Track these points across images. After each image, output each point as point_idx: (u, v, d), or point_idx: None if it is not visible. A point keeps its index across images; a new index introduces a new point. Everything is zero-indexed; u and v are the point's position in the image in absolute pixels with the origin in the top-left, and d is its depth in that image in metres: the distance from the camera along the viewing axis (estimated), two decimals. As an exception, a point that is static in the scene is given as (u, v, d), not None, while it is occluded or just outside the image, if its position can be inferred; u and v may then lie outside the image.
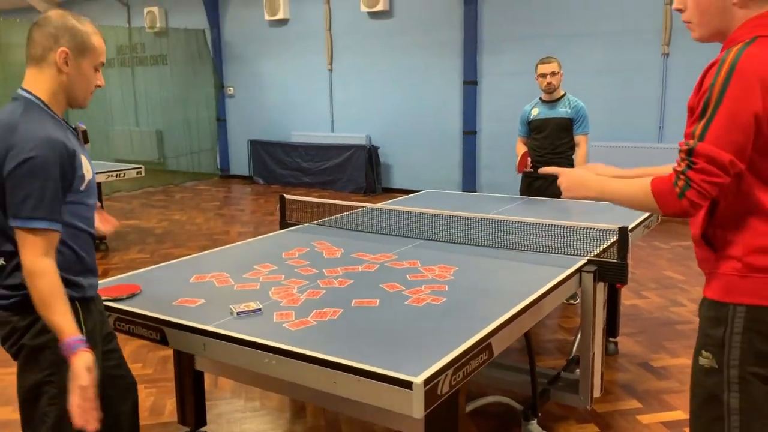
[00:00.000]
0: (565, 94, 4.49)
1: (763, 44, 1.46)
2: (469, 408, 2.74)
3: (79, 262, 1.81)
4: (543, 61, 4.44)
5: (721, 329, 1.56)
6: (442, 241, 3.02)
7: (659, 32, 7.42)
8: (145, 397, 3.26)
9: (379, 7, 9.13)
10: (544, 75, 4.41)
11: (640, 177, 1.90)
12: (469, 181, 8.70)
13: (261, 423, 3.01)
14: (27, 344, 1.74)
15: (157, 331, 2.11)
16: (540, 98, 4.56)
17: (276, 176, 10.51)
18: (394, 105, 9.45)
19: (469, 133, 8.70)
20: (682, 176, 1.49)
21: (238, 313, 2.09)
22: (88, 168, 1.83)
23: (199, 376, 2.77)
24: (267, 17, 10.33)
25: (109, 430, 1.88)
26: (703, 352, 1.60)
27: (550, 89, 4.43)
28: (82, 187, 1.78)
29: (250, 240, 3.27)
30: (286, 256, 2.81)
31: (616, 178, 1.81)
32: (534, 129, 4.51)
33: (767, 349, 1.53)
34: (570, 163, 4.46)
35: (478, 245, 2.94)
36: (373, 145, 9.52)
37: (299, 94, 10.44)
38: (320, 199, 3.68)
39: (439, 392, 1.65)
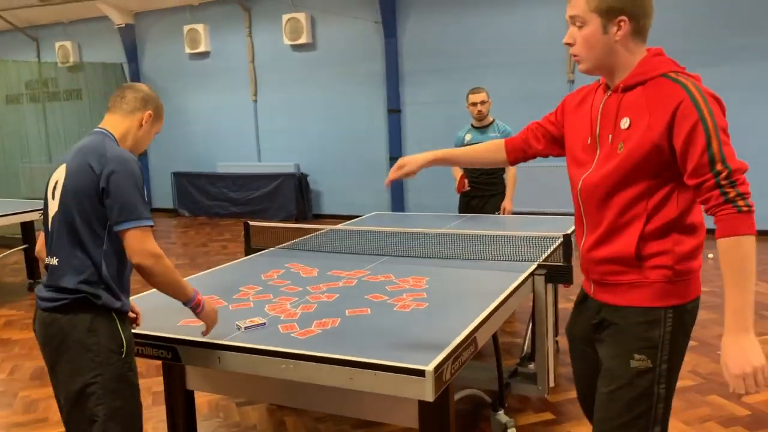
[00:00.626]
0: (494, 120, 4.93)
1: (689, 76, 1.73)
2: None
3: (122, 279, 2.03)
4: (473, 91, 4.87)
5: (656, 331, 1.74)
6: (406, 257, 3.32)
7: (564, 61, 8.14)
8: (124, 425, 3.33)
9: (302, 40, 9.44)
10: (474, 104, 4.84)
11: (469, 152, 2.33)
12: (398, 204, 9.09)
13: (245, 438, 3.18)
14: (72, 347, 1.91)
15: (168, 350, 2.27)
16: (471, 124, 4.98)
17: (202, 207, 10.50)
18: (321, 133, 9.74)
19: (395, 159, 9.09)
20: (738, 197, 1.59)
21: (245, 328, 2.29)
22: None
23: (190, 396, 2.91)
24: (188, 51, 10.40)
25: None
26: (636, 355, 1.76)
27: (480, 117, 4.86)
28: None
29: (221, 266, 3.43)
30: (265, 278, 3.01)
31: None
32: (468, 152, 4.91)
33: (686, 340, 1.81)
34: (501, 182, 4.90)
35: (440, 258, 3.26)
36: (302, 173, 9.74)
37: (224, 126, 10.53)
38: (283, 224, 3.89)
39: (443, 379, 1.94)
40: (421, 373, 1.85)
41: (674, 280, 1.75)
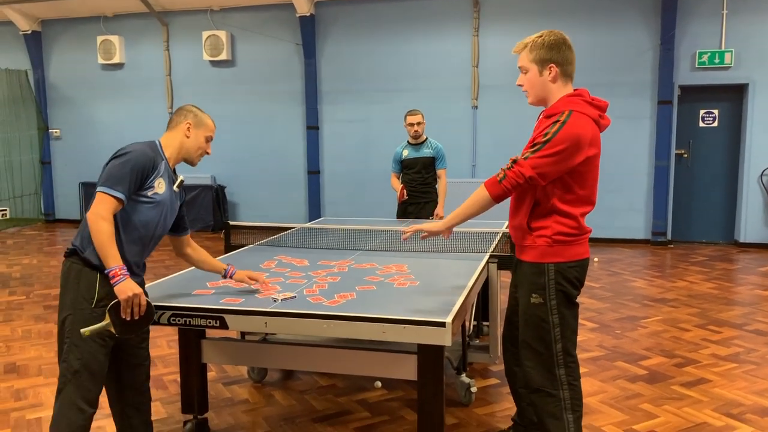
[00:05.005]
0: (427, 138, 5.65)
1: (577, 116, 2.53)
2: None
3: (120, 246, 2.53)
4: (411, 113, 5.56)
5: (542, 278, 2.62)
6: (378, 251, 3.90)
7: (469, 89, 9.08)
8: (123, 405, 3.63)
9: (222, 57, 9.77)
10: (411, 124, 5.53)
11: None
12: (315, 216, 9.59)
13: (246, 407, 3.59)
14: (64, 285, 2.61)
15: (216, 319, 2.71)
16: (408, 141, 5.67)
17: (113, 218, 10.42)
18: (239, 147, 10.06)
19: (313, 172, 9.64)
20: (502, 171, 2.54)
21: (282, 300, 2.78)
22: (162, 187, 2.62)
23: (203, 368, 3.31)
24: (101, 61, 10.37)
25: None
26: (533, 294, 2.64)
27: (416, 135, 5.56)
28: (150, 194, 2.58)
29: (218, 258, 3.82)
30: (265, 267, 3.48)
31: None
32: (406, 166, 5.60)
33: (567, 287, 2.62)
34: (434, 191, 5.62)
35: (409, 251, 3.87)
36: (219, 185, 10.00)
37: (137, 137, 10.43)
38: (261, 224, 4.35)
39: (454, 330, 2.55)
40: (442, 324, 2.44)
41: (552, 245, 2.60)
